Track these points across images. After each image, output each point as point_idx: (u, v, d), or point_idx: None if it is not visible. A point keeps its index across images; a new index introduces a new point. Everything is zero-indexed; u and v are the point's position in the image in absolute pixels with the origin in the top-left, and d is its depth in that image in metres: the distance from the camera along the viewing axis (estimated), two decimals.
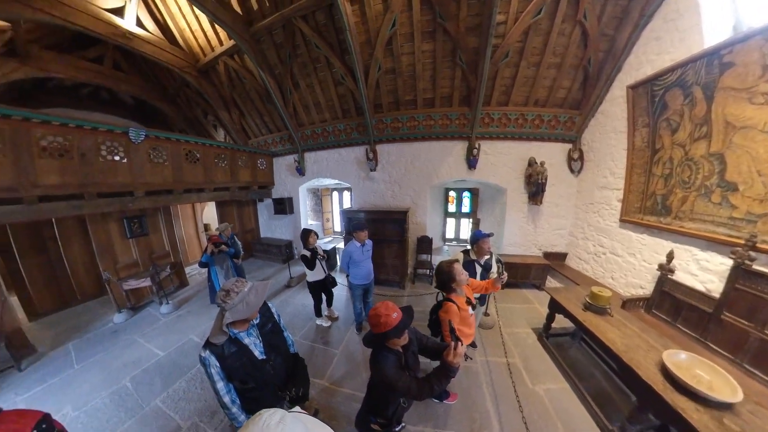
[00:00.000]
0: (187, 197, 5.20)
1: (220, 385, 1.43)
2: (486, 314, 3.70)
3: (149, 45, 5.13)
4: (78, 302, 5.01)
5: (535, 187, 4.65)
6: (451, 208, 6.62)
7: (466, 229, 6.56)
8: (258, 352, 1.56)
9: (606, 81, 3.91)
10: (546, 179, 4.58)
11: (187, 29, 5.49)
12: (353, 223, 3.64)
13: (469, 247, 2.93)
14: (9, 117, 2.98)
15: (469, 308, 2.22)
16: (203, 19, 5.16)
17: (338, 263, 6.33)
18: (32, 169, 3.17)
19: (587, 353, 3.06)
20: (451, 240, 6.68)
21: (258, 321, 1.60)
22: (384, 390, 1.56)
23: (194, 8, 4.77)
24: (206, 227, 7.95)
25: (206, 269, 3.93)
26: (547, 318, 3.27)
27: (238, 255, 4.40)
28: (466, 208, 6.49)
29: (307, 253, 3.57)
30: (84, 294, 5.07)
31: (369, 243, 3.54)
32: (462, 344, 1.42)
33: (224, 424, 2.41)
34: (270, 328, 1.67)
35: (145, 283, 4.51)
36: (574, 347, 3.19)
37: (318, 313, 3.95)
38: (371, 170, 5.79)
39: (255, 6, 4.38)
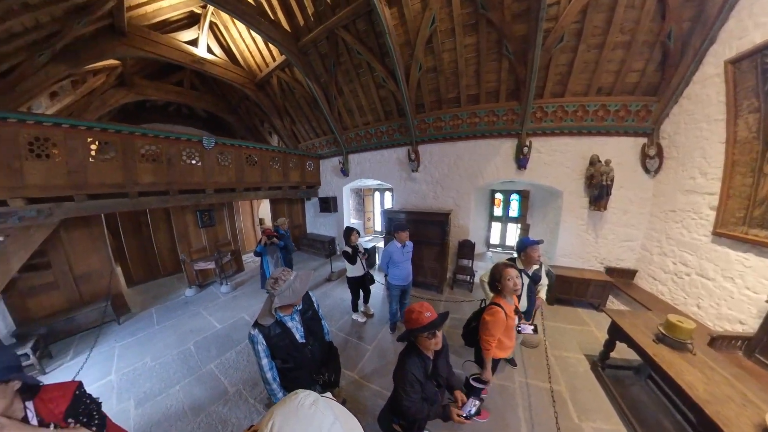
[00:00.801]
0: (247, 195, 5.90)
1: (265, 361, 1.58)
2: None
3: (217, 67, 6.03)
4: (161, 276, 6.17)
5: (599, 189, 3.98)
6: (498, 211, 6.14)
7: (513, 235, 6.02)
8: (299, 335, 1.69)
9: (694, 57, 3.12)
10: (612, 181, 3.89)
11: (246, 50, 6.28)
12: (395, 223, 3.63)
13: (515, 255, 2.68)
14: (120, 132, 3.81)
15: (516, 318, 2.08)
16: (259, 39, 5.85)
17: (377, 262, 6.44)
18: (135, 171, 3.99)
19: (654, 395, 2.51)
20: (495, 246, 6.20)
21: (300, 307, 1.73)
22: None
23: (251, 31, 5.40)
24: (261, 221, 9.00)
25: (259, 258, 4.38)
26: (605, 345, 2.78)
27: (290, 250, 4.68)
28: (514, 212, 5.95)
29: (349, 250, 3.68)
30: (165, 270, 6.23)
31: (409, 244, 3.51)
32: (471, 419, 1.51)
33: (263, 396, 2.65)
34: (310, 315, 1.79)
35: (211, 265, 5.29)
36: (638, 385, 2.64)
37: (355, 308, 4.06)
38: (413, 171, 5.73)
39: (301, 22, 4.77)
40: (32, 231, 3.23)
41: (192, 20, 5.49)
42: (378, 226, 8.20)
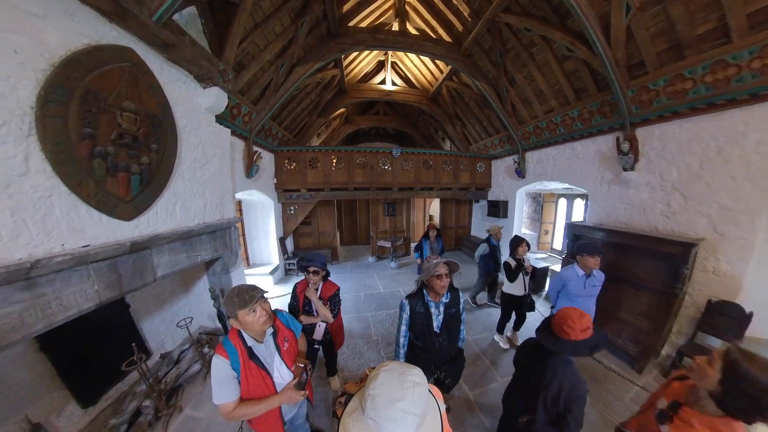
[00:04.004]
0: (421, 193, 7.02)
1: (403, 328, 1.86)
2: None
3: (399, 94, 7.57)
4: (358, 243, 9.28)
5: None
6: None
7: None
8: (436, 324, 1.83)
9: None
10: None
11: (419, 73, 7.30)
12: (581, 242, 2.73)
13: None
14: (346, 150, 6.19)
15: None
16: (426, 60, 6.62)
17: (545, 287, 5.06)
18: (352, 174, 6.25)
19: None
20: None
21: (447, 300, 1.84)
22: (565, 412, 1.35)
23: (420, 56, 6.25)
24: (431, 217, 10.13)
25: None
26: None
27: (497, 263, 4.26)
28: None
29: (512, 262, 3.26)
30: (361, 240, 9.29)
31: (599, 276, 2.62)
32: None
33: (391, 356, 3.18)
34: (453, 312, 1.87)
35: (387, 244, 7.07)
36: None
37: (500, 329, 3.57)
38: (625, 169, 3.81)
39: (460, 28, 4.80)
40: (307, 205, 6.29)
41: (379, 66, 7.48)
42: (558, 243, 6.18)
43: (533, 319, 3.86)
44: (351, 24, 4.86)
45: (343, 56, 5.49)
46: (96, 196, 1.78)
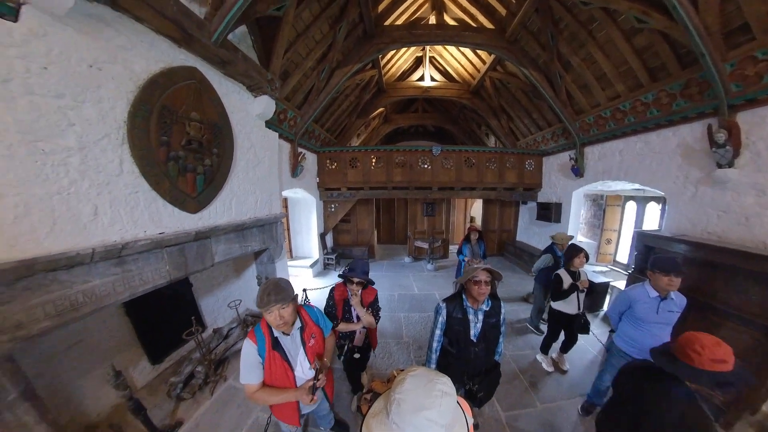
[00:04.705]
0: (463, 193, 6.74)
1: (437, 333, 1.78)
2: None
3: (438, 89, 7.30)
4: (394, 243, 9.29)
5: None
6: None
7: None
8: (473, 332, 1.73)
9: None
10: None
11: (459, 66, 6.90)
12: (656, 256, 2.28)
13: None
14: (385, 150, 6.29)
15: None
16: (467, 51, 6.20)
17: (604, 307, 4.42)
18: (391, 173, 6.32)
19: None
20: None
21: (487, 308, 1.74)
22: None
23: (460, 48, 5.93)
24: (472, 219, 9.53)
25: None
26: None
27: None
28: None
29: (566, 278, 2.79)
30: (398, 239, 9.29)
31: (678, 300, 2.09)
32: None
33: (421, 360, 3.14)
34: (493, 322, 1.77)
35: (425, 245, 6.92)
36: None
37: (545, 349, 3.16)
38: (720, 166, 3.02)
39: (503, 12, 4.42)
40: (347, 203, 6.58)
41: (417, 63, 7.30)
42: (623, 255, 5.23)
43: (586, 343, 3.37)
44: (387, 23, 4.92)
45: (380, 56, 5.57)
46: (170, 192, 2.17)
